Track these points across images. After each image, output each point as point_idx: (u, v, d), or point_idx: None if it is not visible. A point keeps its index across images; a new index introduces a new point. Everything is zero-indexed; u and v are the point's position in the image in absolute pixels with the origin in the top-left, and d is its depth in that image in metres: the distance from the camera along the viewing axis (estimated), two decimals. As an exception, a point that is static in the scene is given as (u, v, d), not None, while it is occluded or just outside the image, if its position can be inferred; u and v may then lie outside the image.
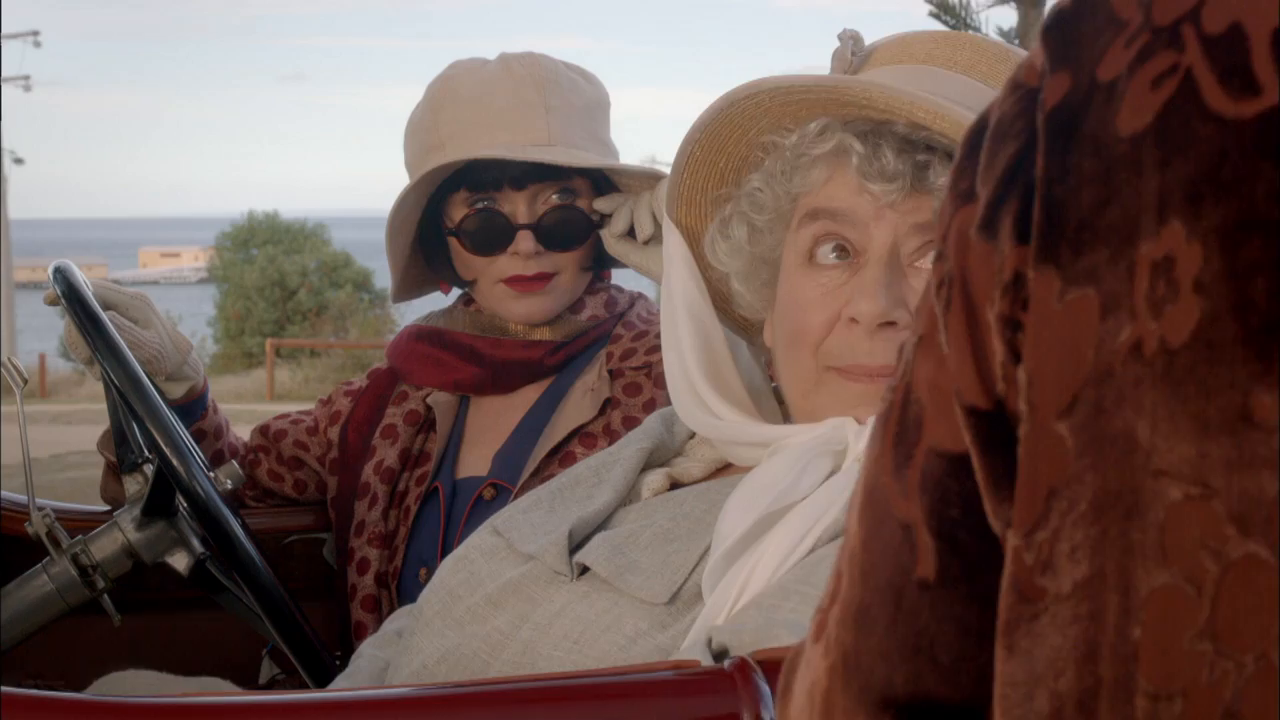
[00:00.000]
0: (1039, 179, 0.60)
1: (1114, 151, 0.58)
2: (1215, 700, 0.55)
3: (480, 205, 1.98)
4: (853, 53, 1.44)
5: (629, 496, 1.47)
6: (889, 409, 0.68)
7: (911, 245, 1.36)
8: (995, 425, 0.62)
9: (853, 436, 1.33)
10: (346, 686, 1.53)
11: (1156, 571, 0.56)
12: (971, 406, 0.63)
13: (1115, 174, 0.58)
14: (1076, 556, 0.58)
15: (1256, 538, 0.55)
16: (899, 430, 0.67)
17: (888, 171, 1.34)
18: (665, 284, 1.50)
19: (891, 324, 1.34)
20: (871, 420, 1.33)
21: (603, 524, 1.43)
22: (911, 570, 0.65)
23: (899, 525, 0.66)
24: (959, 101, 1.34)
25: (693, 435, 1.54)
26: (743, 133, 1.43)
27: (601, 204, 1.99)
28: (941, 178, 1.33)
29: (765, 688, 1.10)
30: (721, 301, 1.51)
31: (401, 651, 1.47)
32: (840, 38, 1.45)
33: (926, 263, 1.35)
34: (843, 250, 1.37)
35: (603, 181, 2.01)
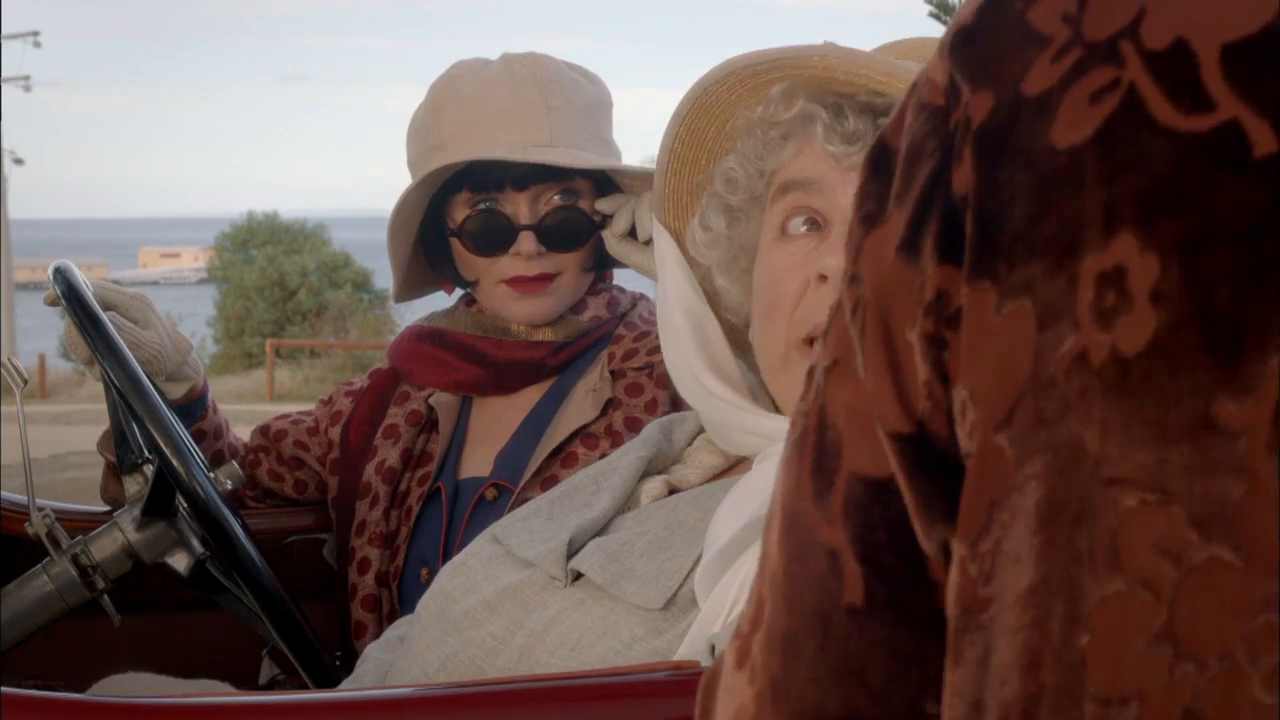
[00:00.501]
0: (967, 196, 0.60)
1: (1049, 165, 0.58)
2: (1174, 701, 0.55)
3: (482, 206, 1.98)
4: None
5: (627, 504, 1.48)
6: (803, 434, 0.68)
7: None
8: (920, 447, 0.63)
9: None
10: (351, 688, 1.53)
11: (1108, 578, 0.56)
12: (895, 432, 0.63)
13: (1051, 187, 0.58)
14: (1020, 566, 0.59)
15: (1219, 541, 0.55)
16: (816, 456, 0.66)
17: (849, 133, 1.37)
18: (660, 287, 1.51)
19: None
20: None
21: (601, 531, 1.44)
22: (839, 596, 0.65)
23: (824, 552, 0.66)
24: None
25: (691, 443, 1.54)
26: (719, 125, 1.45)
27: (603, 204, 1.99)
28: None
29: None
30: (712, 306, 1.52)
31: (403, 657, 1.47)
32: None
33: None
34: (813, 223, 1.40)
35: (604, 182, 2.01)
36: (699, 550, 1.33)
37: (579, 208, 1.98)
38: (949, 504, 0.62)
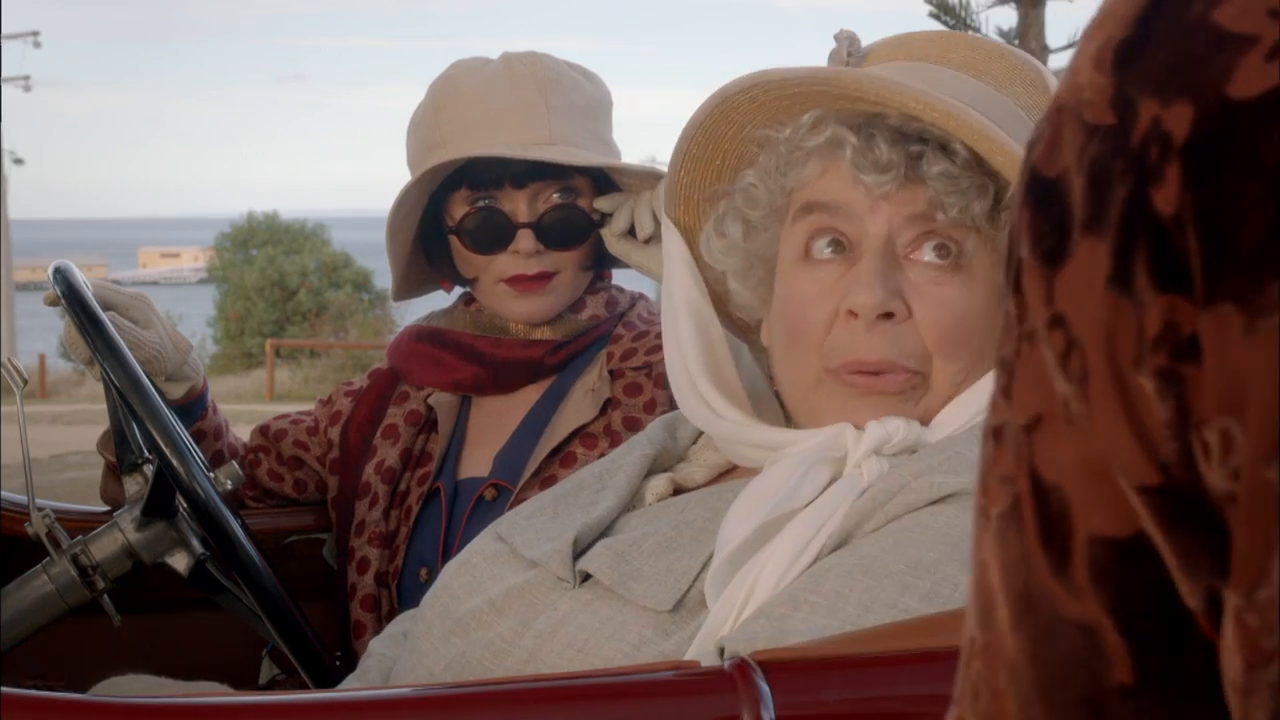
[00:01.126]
0: (1180, 216, 0.55)
1: None
2: None
3: (481, 203, 1.98)
4: (849, 53, 1.45)
5: (632, 502, 1.47)
6: (1015, 504, 0.60)
7: (907, 237, 1.36)
8: (1173, 497, 0.56)
9: (851, 443, 1.33)
10: (357, 686, 1.53)
11: None
12: (1142, 485, 0.57)
13: None
14: None
15: None
16: (1043, 525, 0.59)
17: (881, 162, 1.34)
18: (665, 284, 1.50)
19: (889, 315, 1.34)
20: (873, 426, 1.33)
21: (606, 530, 1.43)
22: (1106, 678, 0.58)
23: (1077, 630, 0.59)
24: (953, 95, 1.35)
25: (696, 440, 1.54)
26: (738, 129, 1.43)
27: (602, 203, 1.99)
28: (935, 167, 1.33)
29: (766, 688, 1.10)
30: (719, 302, 1.51)
31: (407, 654, 1.47)
32: (836, 38, 1.46)
33: (922, 254, 1.36)
34: (838, 245, 1.37)
35: (604, 181, 2.01)
36: (708, 551, 1.32)
37: (578, 206, 1.98)
38: (1214, 553, 0.56)
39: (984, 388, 1.35)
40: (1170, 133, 0.56)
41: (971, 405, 1.35)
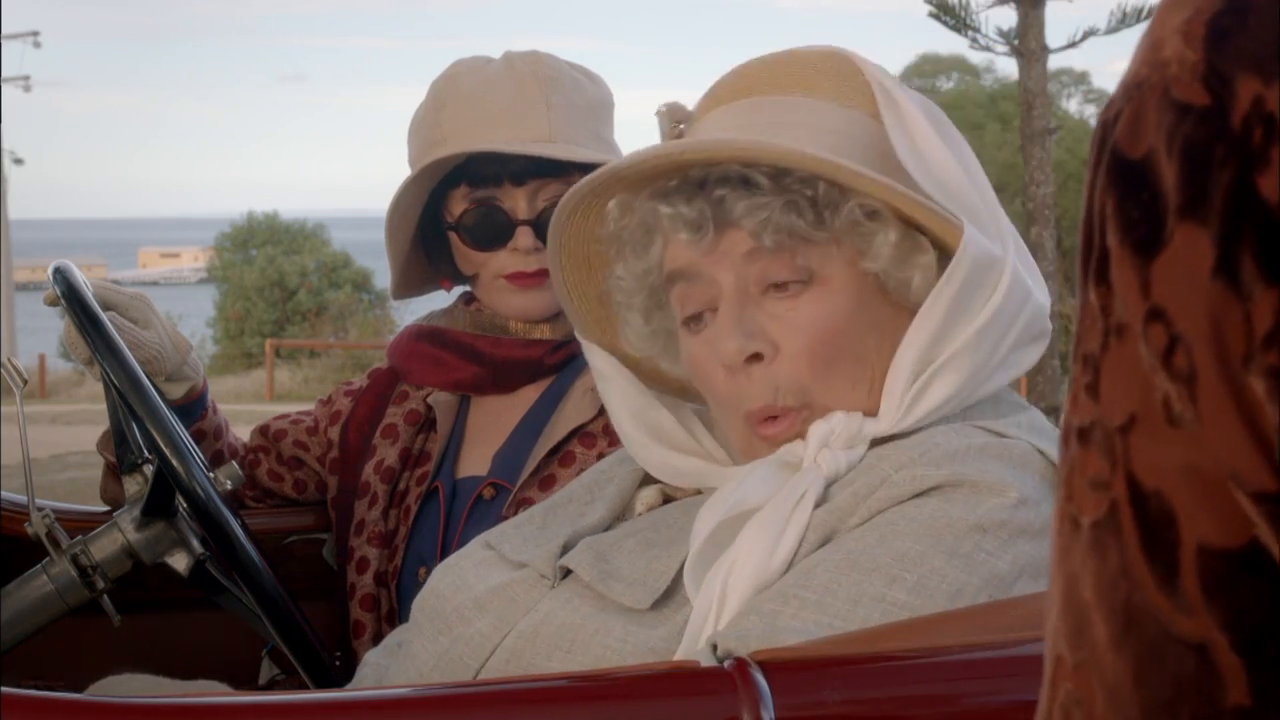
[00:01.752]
0: None
1: None
2: None
3: (480, 201, 1.98)
4: (671, 126, 1.46)
5: (623, 514, 1.50)
6: (1112, 511, 0.56)
7: (753, 273, 1.37)
8: None
9: (801, 448, 1.35)
10: (350, 689, 1.53)
11: None
12: (1260, 491, 0.53)
13: None
14: None
15: None
16: (1146, 534, 0.55)
17: (692, 221, 1.37)
18: (604, 398, 1.52)
19: (757, 357, 1.36)
20: (815, 427, 1.33)
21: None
22: (1220, 700, 0.54)
23: (1187, 649, 0.54)
24: (746, 126, 1.38)
25: None
26: (585, 245, 1.48)
27: (601, 203, 1.99)
28: (739, 205, 1.35)
29: (765, 688, 1.10)
30: (656, 373, 1.53)
31: (400, 657, 1.49)
32: (657, 115, 1.47)
33: (772, 289, 1.37)
34: (708, 306, 1.39)
35: (603, 181, 2.01)
36: (684, 551, 1.34)
37: (578, 206, 1.98)
38: None
39: (902, 364, 1.34)
40: (1275, 114, 0.53)
41: (897, 385, 1.34)
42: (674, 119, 1.44)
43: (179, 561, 1.72)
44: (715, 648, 1.20)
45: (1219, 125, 0.54)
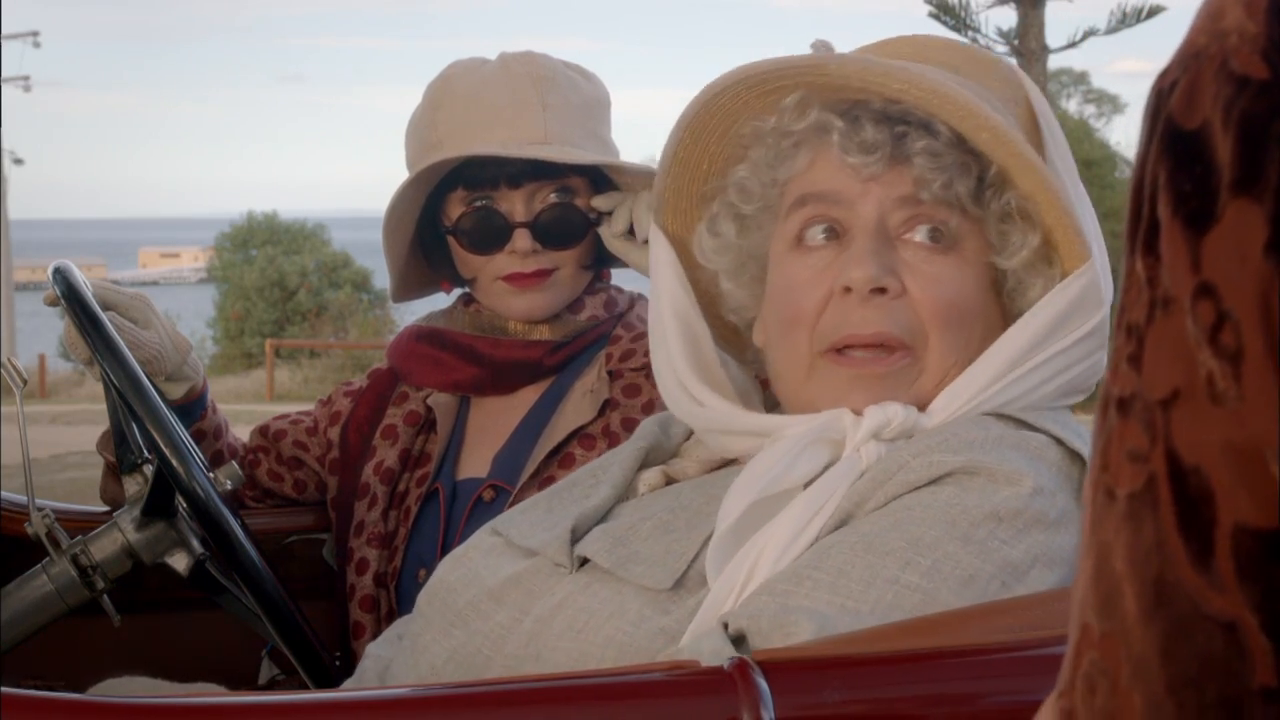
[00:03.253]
0: None
1: None
2: None
3: (477, 204, 1.98)
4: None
5: (626, 493, 1.48)
6: (1150, 485, 0.56)
7: (898, 218, 1.37)
8: None
9: (850, 427, 1.34)
10: (352, 688, 1.53)
11: None
12: None
13: None
14: None
15: None
16: (1182, 510, 0.55)
17: (867, 143, 1.36)
18: (652, 289, 1.52)
19: (882, 290, 1.36)
20: (872, 411, 1.34)
21: (602, 519, 1.45)
22: (1247, 679, 0.53)
23: (1218, 627, 0.54)
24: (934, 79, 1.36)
25: (689, 437, 1.55)
26: (725, 128, 1.44)
27: (599, 202, 1.99)
28: (919, 143, 1.35)
29: (765, 688, 1.10)
30: (711, 306, 1.52)
31: (407, 651, 1.47)
32: (813, 47, 1.47)
33: (914, 235, 1.37)
34: (831, 231, 1.39)
35: (601, 179, 2.01)
36: (705, 532, 1.34)
37: (574, 205, 1.98)
38: None
39: (977, 374, 1.36)
40: None
41: (964, 393, 1.36)
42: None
43: (179, 562, 1.72)
44: (726, 626, 1.20)
45: (1278, 100, 0.53)
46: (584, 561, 1.38)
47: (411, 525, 1.99)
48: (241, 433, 2.18)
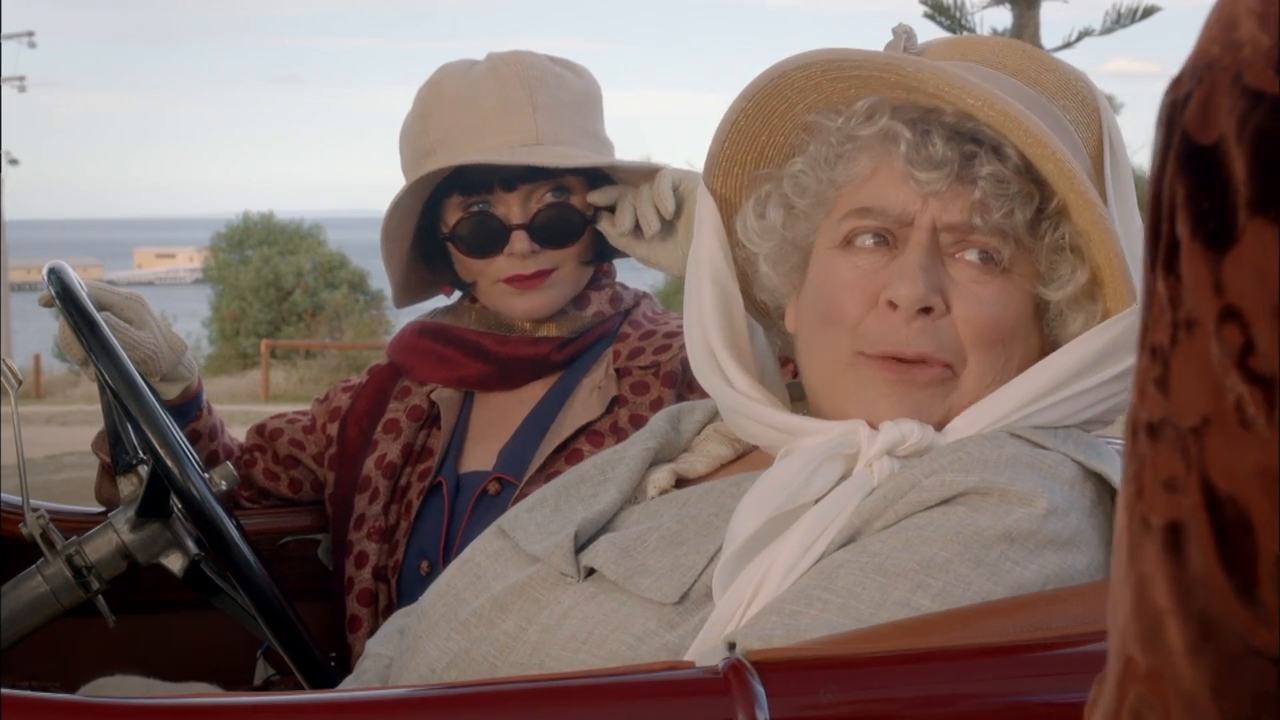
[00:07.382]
0: None
1: None
2: None
3: (474, 208, 1.98)
4: (905, 47, 1.43)
5: (634, 496, 1.47)
6: (1186, 516, 0.54)
7: (951, 237, 1.36)
8: None
9: (865, 442, 1.33)
10: (350, 688, 1.53)
11: None
12: None
13: None
14: None
15: None
16: (1222, 541, 0.53)
17: (936, 159, 1.34)
18: (693, 250, 1.49)
19: (928, 310, 1.34)
20: (888, 426, 1.32)
21: (607, 524, 1.43)
22: None
23: (1267, 662, 0.52)
24: (1009, 97, 1.34)
25: (699, 432, 1.53)
26: (789, 106, 1.42)
27: (596, 197, 1.98)
28: (986, 168, 1.33)
29: (760, 689, 1.10)
30: (744, 281, 1.50)
31: (406, 652, 1.46)
32: (895, 32, 1.45)
33: (965, 254, 1.36)
34: (881, 238, 1.37)
35: (597, 174, 2.01)
36: (714, 545, 1.32)
37: (570, 204, 1.98)
38: None
39: (1002, 399, 1.35)
40: None
41: (986, 414, 1.35)
42: (907, 43, 1.42)
43: (174, 562, 1.72)
44: (733, 646, 1.18)
45: None
46: (591, 571, 1.37)
47: (414, 519, 1.99)
48: (237, 433, 2.18)
